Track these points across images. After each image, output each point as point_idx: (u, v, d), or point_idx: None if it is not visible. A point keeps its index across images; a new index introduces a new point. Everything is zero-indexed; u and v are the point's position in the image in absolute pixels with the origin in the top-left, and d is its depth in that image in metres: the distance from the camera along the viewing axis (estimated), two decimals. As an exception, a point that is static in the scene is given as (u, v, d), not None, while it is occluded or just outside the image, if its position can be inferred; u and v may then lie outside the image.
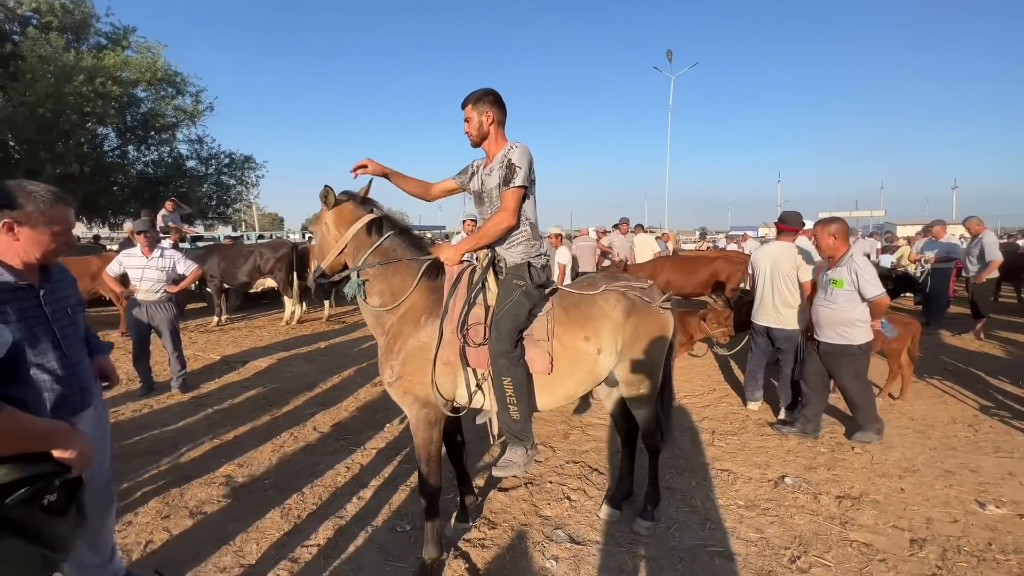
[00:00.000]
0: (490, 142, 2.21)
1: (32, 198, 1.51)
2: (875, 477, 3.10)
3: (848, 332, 3.44)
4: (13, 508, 1.04)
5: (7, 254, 1.51)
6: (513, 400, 2.07)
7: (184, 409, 4.37)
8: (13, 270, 1.51)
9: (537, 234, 2.26)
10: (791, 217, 4.11)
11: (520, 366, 2.09)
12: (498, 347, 2.05)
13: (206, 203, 16.59)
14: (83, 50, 13.63)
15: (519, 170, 2.07)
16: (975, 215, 6.76)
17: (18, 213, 1.49)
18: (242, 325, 8.47)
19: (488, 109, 2.16)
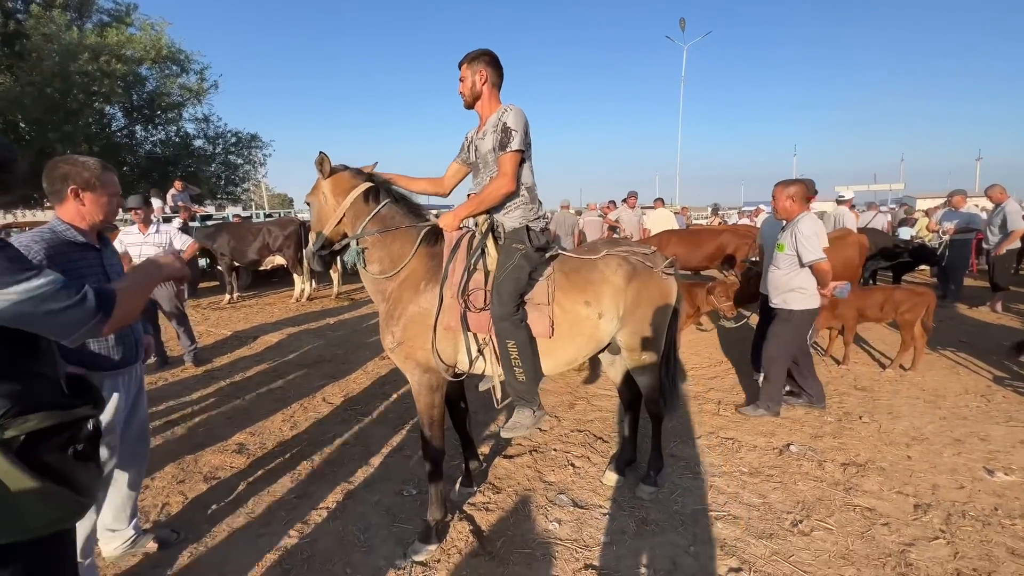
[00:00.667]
0: (483, 103, 2.16)
1: (86, 166, 1.75)
2: (882, 445, 3.08)
3: (788, 297, 3.38)
4: (51, 453, 1.10)
5: (74, 219, 1.76)
6: (518, 362, 2.07)
7: (197, 382, 4.47)
8: (81, 231, 1.78)
9: (535, 198, 2.22)
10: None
11: (523, 329, 2.08)
12: (500, 310, 2.04)
13: (214, 182, 16.64)
14: (86, 28, 13.53)
15: (515, 133, 2.03)
16: (998, 183, 6.53)
17: (80, 180, 1.72)
18: (253, 302, 8.58)
19: (482, 68, 2.11)
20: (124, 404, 1.98)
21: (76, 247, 1.76)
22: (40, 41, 11.77)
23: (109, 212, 1.82)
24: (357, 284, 10.11)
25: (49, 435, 1.11)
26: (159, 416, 3.67)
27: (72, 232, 1.76)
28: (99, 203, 1.78)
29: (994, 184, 6.61)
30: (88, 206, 1.76)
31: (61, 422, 1.14)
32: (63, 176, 1.72)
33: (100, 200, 1.78)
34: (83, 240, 1.77)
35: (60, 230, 1.75)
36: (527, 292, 2.15)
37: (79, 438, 1.20)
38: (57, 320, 1.05)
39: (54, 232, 1.73)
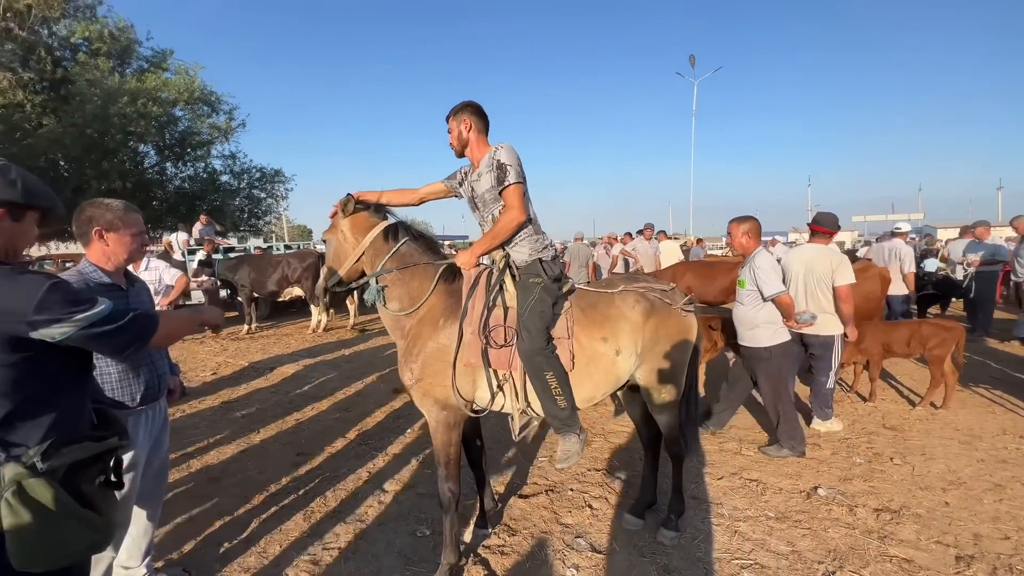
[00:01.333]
0: (471, 149, 2.23)
1: (110, 208, 1.84)
2: (916, 490, 2.93)
3: (757, 334, 3.37)
4: (87, 483, 1.21)
5: (100, 260, 1.84)
6: (559, 391, 2.07)
7: (214, 414, 4.50)
8: (108, 272, 1.85)
9: (538, 228, 2.25)
10: (826, 218, 3.89)
11: (556, 358, 2.09)
12: (532, 346, 2.04)
13: (238, 216, 17.20)
14: (127, 73, 14.43)
15: (510, 168, 2.08)
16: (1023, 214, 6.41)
17: (103, 221, 1.81)
18: (270, 333, 8.71)
19: (466, 117, 2.20)
20: (147, 440, 2.00)
21: (103, 289, 1.82)
22: (84, 86, 12.56)
23: (133, 251, 1.90)
24: (373, 315, 10.22)
25: (86, 465, 1.21)
26: (175, 448, 3.69)
27: (99, 274, 1.83)
28: (122, 243, 1.85)
29: (1020, 215, 6.48)
30: (112, 246, 1.84)
31: (96, 453, 1.23)
32: (88, 219, 1.81)
33: (123, 240, 1.85)
34: (109, 281, 1.85)
35: (87, 272, 1.83)
36: (553, 324, 2.15)
37: (109, 468, 1.29)
38: (109, 341, 1.21)
39: (81, 275, 1.82)
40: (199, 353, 7.16)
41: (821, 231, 3.84)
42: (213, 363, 6.52)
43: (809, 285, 3.75)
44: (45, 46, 13.39)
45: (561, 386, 2.07)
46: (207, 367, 6.30)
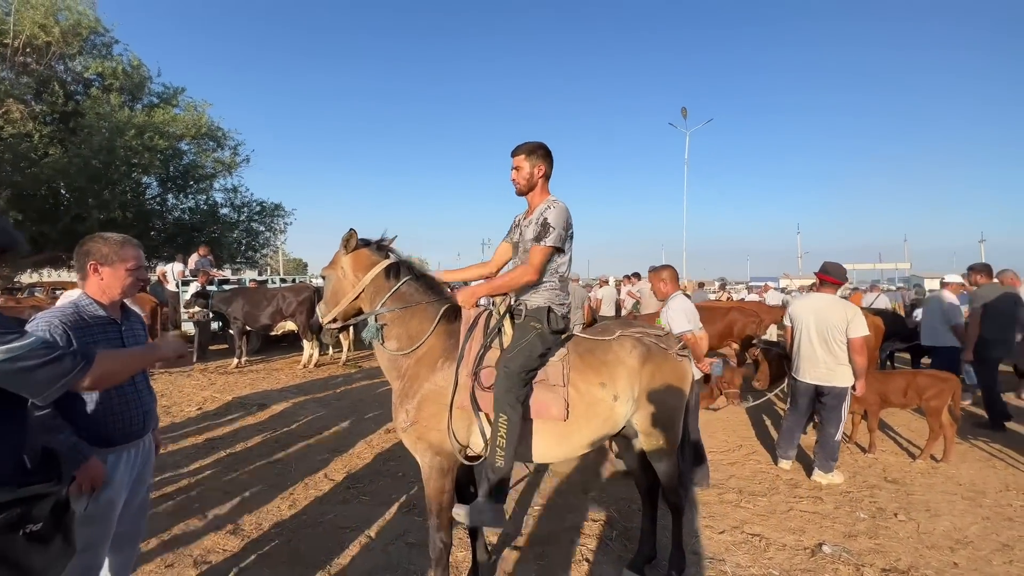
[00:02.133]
0: (535, 193, 2.26)
1: (106, 242, 1.81)
2: (923, 549, 2.84)
3: None
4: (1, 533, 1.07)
5: (96, 293, 1.81)
6: (503, 443, 1.98)
7: (197, 451, 4.34)
8: (102, 306, 1.81)
9: (565, 287, 2.26)
10: (834, 269, 3.93)
11: (519, 409, 2.02)
12: (505, 383, 2.01)
13: (236, 248, 17.25)
14: (137, 108, 14.82)
15: (553, 230, 2.11)
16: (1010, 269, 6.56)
17: (98, 255, 1.79)
18: (260, 367, 8.54)
19: (540, 163, 2.22)
20: (127, 479, 1.90)
21: (97, 321, 1.79)
22: (93, 119, 12.86)
23: (127, 286, 1.86)
24: (366, 352, 10.09)
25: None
26: (155, 487, 3.53)
27: (94, 307, 1.80)
28: (116, 276, 1.82)
29: (1006, 269, 6.63)
30: (106, 280, 1.81)
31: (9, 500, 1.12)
32: (85, 252, 1.80)
33: (117, 274, 1.82)
34: (104, 314, 1.81)
35: (82, 305, 1.79)
36: (536, 371, 2.12)
37: (34, 517, 1.17)
38: (30, 377, 1.18)
39: (76, 307, 1.78)
40: (185, 386, 6.98)
41: (830, 280, 3.90)
42: (199, 397, 6.35)
43: (823, 334, 3.77)
44: (59, 80, 13.79)
45: (508, 439, 1.98)
46: (192, 401, 6.13)
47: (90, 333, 1.75)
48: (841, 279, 3.91)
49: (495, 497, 2.06)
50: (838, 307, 3.76)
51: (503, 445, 1.99)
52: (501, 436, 1.98)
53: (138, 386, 1.90)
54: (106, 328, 1.81)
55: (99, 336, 1.78)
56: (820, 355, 3.80)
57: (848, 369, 3.74)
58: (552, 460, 2.29)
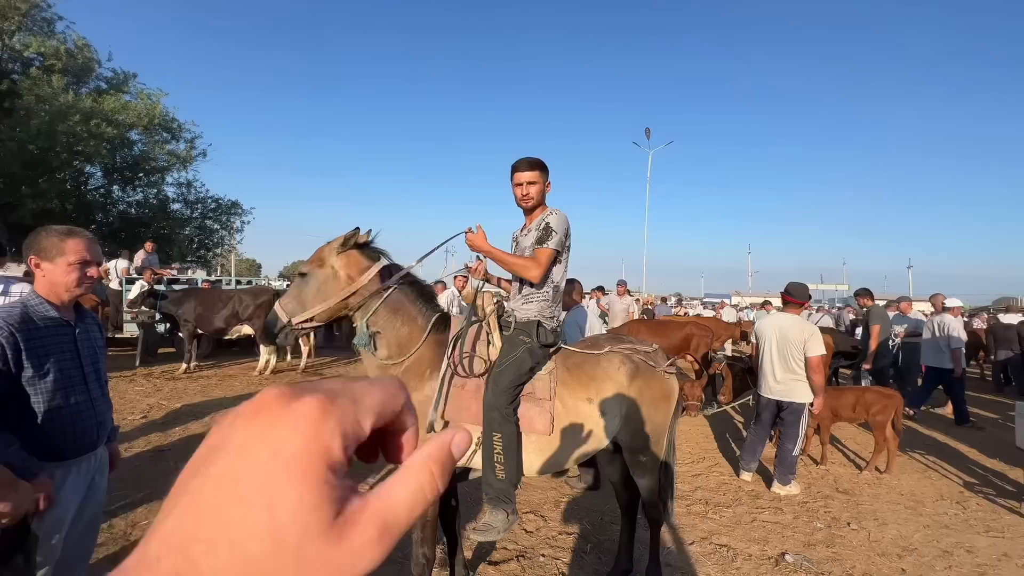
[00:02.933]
0: (538, 209, 2.28)
1: (48, 234, 1.64)
2: (875, 556, 3.02)
3: None
4: None
5: (44, 291, 1.65)
6: (500, 458, 1.97)
7: (143, 464, 4.04)
8: (54, 306, 1.65)
9: (557, 298, 2.26)
10: (797, 289, 4.13)
11: (512, 424, 2.01)
12: (493, 400, 1.99)
13: (187, 246, 16.33)
14: (82, 93, 13.84)
15: (555, 234, 2.14)
16: (941, 292, 7.16)
17: (37, 249, 1.63)
18: (212, 373, 8.07)
19: (547, 178, 2.26)
20: (75, 496, 1.72)
21: (48, 324, 1.62)
22: (31, 101, 11.90)
23: (71, 282, 1.65)
24: (326, 358, 9.75)
25: None
26: (95, 505, 3.25)
27: (45, 307, 1.63)
28: (57, 272, 1.63)
29: (938, 293, 7.23)
30: (48, 277, 1.63)
31: None
32: (27, 247, 1.63)
33: (58, 269, 1.63)
34: (55, 315, 1.64)
35: (32, 304, 1.62)
36: (525, 385, 2.11)
37: None
38: None
39: (25, 307, 1.60)
40: (128, 393, 6.49)
41: (793, 301, 4.11)
42: (144, 404, 5.92)
43: (783, 352, 3.96)
44: (-7, 57, 12.73)
45: (505, 455, 1.97)
46: (136, 409, 5.70)
47: (39, 337, 1.59)
48: (804, 299, 4.13)
49: (503, 503, 2.03)
50: (797, 326, 3.98)
51: (501, 460, 1.97)
52: (498, 453, 1.97)
53: (91, 393, 1.73)
54: (57, 331, 1.65)
55: (49, 341, 1.62)
56: (780, 372, 4.00)
57: (806, 385, 3.94)
58: (536, 474, 2.28)
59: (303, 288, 2.12)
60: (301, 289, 2.12)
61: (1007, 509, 3.78)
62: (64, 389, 1.62)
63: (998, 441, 5.48)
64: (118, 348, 9.51)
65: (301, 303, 2.12)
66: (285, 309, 2.13)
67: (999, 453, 5.06)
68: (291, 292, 2.17)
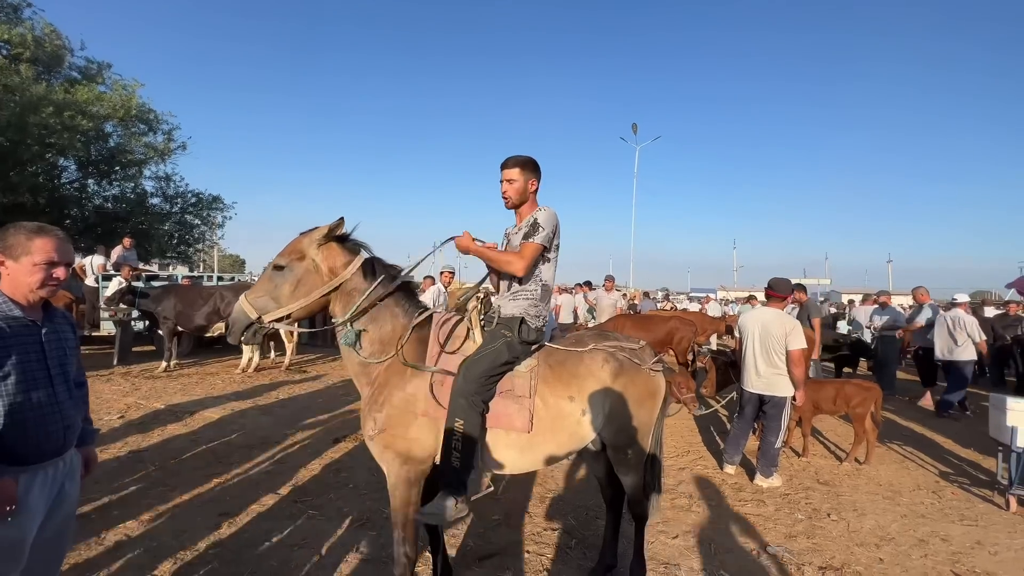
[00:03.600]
0: (525, 207, 2.25)
1: (16, 231, 1.57)
2: (853, 546, 3.07)
3: None
4: None
5: (8, 290, 1.58)
6: (458, 445, 1.94)
7: (121, 466, 3.94)
8: (21, 307, 1.58)
9: (547, 297, 2.24)
10: (780, 284, 4.17)
11: (477, 413, 1.98)
12: (462, 386, 1.97)
13: (167, 241, 15.94)
14: (54, 83, 13.36)
15: (542, 230, 2.12)
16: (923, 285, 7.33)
17: (3, 247, 1.56)
18: (193, 371, 7.92)
19: (533, 177, 2.22)
20: (41, 505, 1.62)
21: (12, 324, 1.55)
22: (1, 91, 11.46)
23: (35, 283, 1.58)
24: (309, 355, 9.63)
25: None
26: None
27: (9, 306, 1.55)
28: (21, 271, 1.56)
29: (919, 286, 7.41)
30: (13, 276, 1.57)
31: None
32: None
33: (23, 269, 1.56)
34: (20, 315, 1.57)
35: None
36: (496, 379, 2.08)
37: None
38: None
39: None
40: (104, 392, 6.34)
41: (776, 296, 4.15)
42: (121, 404, 5.79)
43: (765, 345, 4.00)
44: (-42, 45, 12.22)
45: (463, 442, 1.93)
46: (113, 409, 5.57)
47: (2, 337, 1.51)
48: (786, 293, 4.17)
49: (453, 490, 1.98)
50: (779, 320, 4.02)
51: (458, 447, 1.93)
52: (456, 439, 1.93)
53: (58, 395, 1.64)
54: (22, 331, 1.57)
55: (12, 341, 1.54)
56: (762, 365, 4.04)
57: (786, 379, 3.99)
58: (515, 471, 2.27)
59: (277, 282, 2.02)
60: (275, 283, 2.02)
61: (980, 498, 3.88)
62: (27, 392, 1.55)
63: (973, 432, 5.63)
64: (95, 347, 9.30)
65: (275, 299, 2.02)
66: (254, 305, 2.01)
67: (973, 443, 5.19)
68: (261, 286, 2.04)
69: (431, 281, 8.22)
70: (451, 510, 1.96)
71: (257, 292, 2.04)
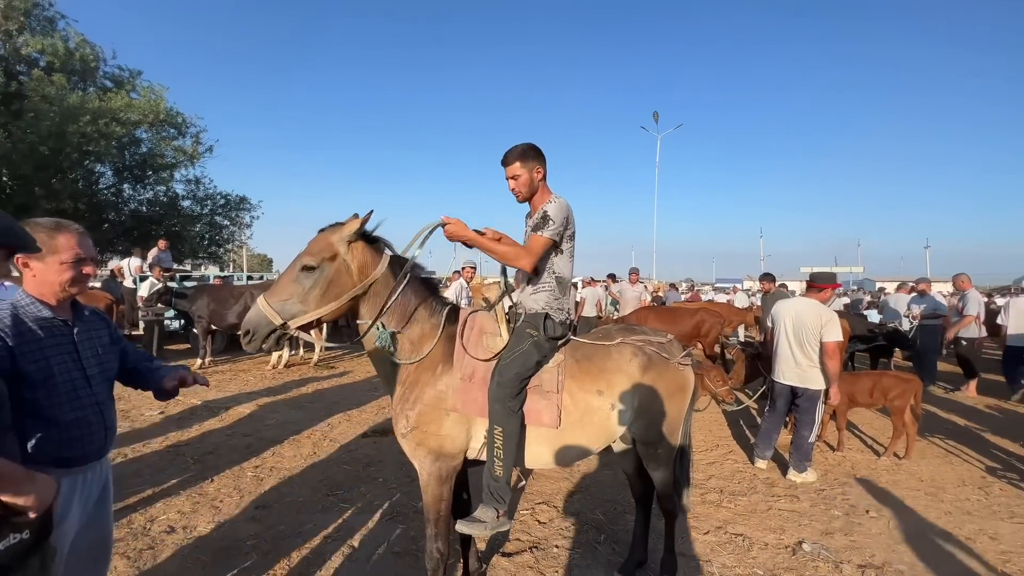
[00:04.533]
0: (538, 196, 2.16)
1: (35, 229, 1.49)
2: (895, 544, 2.97)
3: None
4: None
5: (34, 290, 1.54)
6: (500, 453, 1.94)
7: (162, 459, 4.10)
8: (50, 306, 1.55)
9: (565, 290, 2.19)
10: (823, 276, 4.09)
11: (516, 417, 1.97)
12: (497, 391, 1.96)
13: (198, 242, 16.47)
14: (89, 92, 13.89)
15: (552, 223, 2.03)
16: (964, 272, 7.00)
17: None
18: (226, 368, 8.18)
19: (537, 164, 2.10)
20: (81, 511, 1.58)
21: (43, 324, 1.51)
22: (39, 102, 11.97)
23: (66, 280, 1.53)
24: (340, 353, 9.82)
25: None
26: (116, 499, 3.30)
27: (37, 307, 1.51)
28: (49, 271, 1.51)
29: (960, 273, 7.07)
30: (39, 276, 1.51)
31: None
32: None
33: (50, 268, 1.51)
34: (49, 315, 1.53)
35: (23, 305, 1.50)
36: (528, 380, 2.06)
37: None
38: None
39: (15, 308, 1.48)
40: (145, 389, 6.60)
41: (815, 287, 4.04)
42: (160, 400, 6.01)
43: (799, 336, 3.89)
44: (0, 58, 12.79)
45: (505, 449, 1.92)
46: (154, 405, 5.78)
47: (35, 339, 1.47)
48: (827, 284, 4.06)
49: (496, 502, 2.00)
50: (815, 310, 3.89)
51: (500, 456, 1.94)
52: (498, 447, 1.93)
53: (98, 396, 1.60)
54: (54, 333, 1.54)
55: (47, 343, 1.50)
56: (796, 357, 3.93)
57: (820, 373, 3.86)
58: (545, 467, 2.26)
59: (306, 284, 1.89)
60: (304, 285, 1.88)
61: (1031, 494, 3.69)
62: (66, 393, 1.52)
63: (1020, 426, 5.36)
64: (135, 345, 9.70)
65: (304, 302, 1.89)
66: (280, 310, 1.87)
67: (1022, 437, 4.94)
68: (285, 289, 1.90)
69: (457, 275, 8.27)
70: (493, 522, 1.96)
71: (280, 295, 1.89)
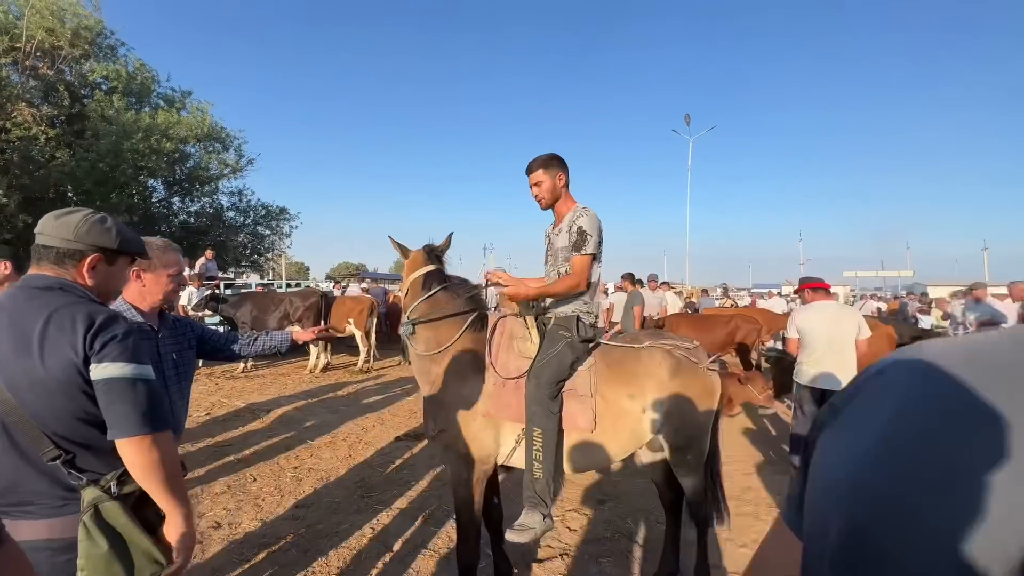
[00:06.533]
0: (561, 203, 2.25)
1: (150, 247, 1.73)
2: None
3: None
4: (152, 512, 1.25)
5: (135, 299, 1.77)
6: (539, 455, 1.97)
7: (207, 458, 4.32)
8: (141, 313, 1.77)
9: (594, 294, 2.26)
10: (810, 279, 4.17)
11: (554, 419, 2.01)
12: (536, 394, 2.00)
13: (241, 252, 17.29)
14: (144, 111, 14.90)
15: (590, 238, 2.11)
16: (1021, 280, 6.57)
17: (141, 262, 1.73)
18: (267, 372, 8.53)
19: (560, 172, 2.21)
20: None
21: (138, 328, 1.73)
22: (99, 122, 12.91)
23: (169, 291, 1.82)
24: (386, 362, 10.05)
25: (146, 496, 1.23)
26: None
27: (132, 313, 1.74)
28: (159, 283, 1.79)
29: (1018, 280, 6.64)
30: (148, 286, 1.78)
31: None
32: None
33: (160, 280, 1.78)
34: (142, 320, 1.75)
35: (123, 310, 1.74)
36: (567, 380, 2.11)
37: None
38: (118, 411, 1.18)
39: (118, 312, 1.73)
40: (192, 391, 6.94)
41: (819, 287, 4.10)
42: (207, 403, 6.34)
43: (837, 340, 3.84)
44: (66, 83, 13.87)
45: (545, 451, 1.96)
46: (200, 407, 6.11)
47: None
48: (819, 283, 4.11)
49: (539, 505, 2.03)
50: (847, 312, 3.95)
51: (539, 458, 1.98)
52: (537, 449, 1.97)
53: (172, 398, 1.78)
54: (144, 336, 1.71)
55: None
56: (832, 361, 3.83)
57: (852, 374, 3.74)
58: (578, 471, 2.28)
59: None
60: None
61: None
62: None
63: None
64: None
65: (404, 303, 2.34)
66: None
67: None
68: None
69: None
70: (539, 526, 2.00)
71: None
